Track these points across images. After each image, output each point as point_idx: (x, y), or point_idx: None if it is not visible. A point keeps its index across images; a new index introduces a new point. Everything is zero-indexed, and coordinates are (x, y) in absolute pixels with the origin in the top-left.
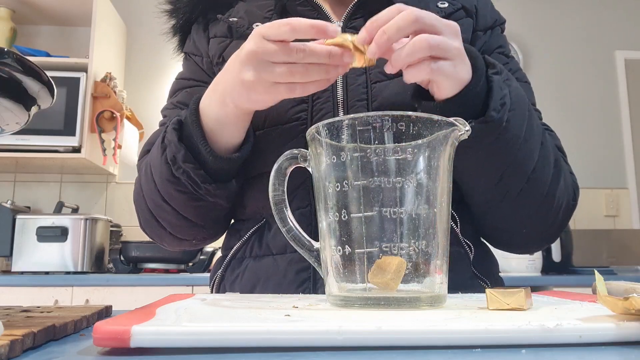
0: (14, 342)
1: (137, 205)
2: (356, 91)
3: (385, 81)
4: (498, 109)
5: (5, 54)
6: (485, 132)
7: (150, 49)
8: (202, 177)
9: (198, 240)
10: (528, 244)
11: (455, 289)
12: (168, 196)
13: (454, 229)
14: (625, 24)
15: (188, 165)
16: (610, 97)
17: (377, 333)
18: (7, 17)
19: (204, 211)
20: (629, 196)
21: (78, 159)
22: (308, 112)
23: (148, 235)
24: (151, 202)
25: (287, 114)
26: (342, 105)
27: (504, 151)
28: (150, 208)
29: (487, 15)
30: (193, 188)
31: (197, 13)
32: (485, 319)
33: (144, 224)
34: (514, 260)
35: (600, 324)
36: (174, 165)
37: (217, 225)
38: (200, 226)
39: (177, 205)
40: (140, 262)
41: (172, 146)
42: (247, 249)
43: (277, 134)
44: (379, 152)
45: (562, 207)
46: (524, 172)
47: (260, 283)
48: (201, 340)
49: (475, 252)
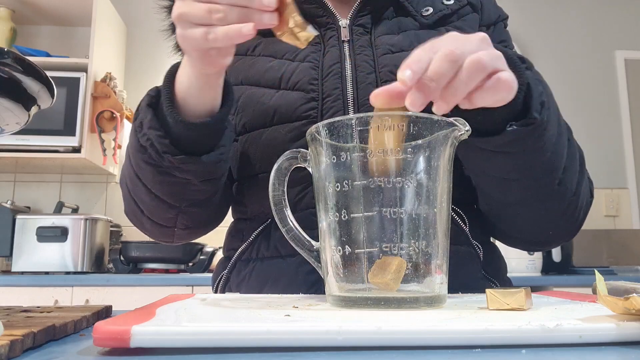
0: (14, 342)
1: (121, 186)
2: (366, 90)
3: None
4: (539, 109)
5: (5, 54)
6: (528, 134)
7: (150, 49)
8: (166, 146)
9: (180, 229)
10: (551, 242)
11: (466, 289)
12: (138, 168)
13: (463, 230)
14: (625, 24)
15: (152, 132)
16: (610, 97)
17: (377, 333)
18: (7, 17)
19: (175, 189)
20: (629, 196)
21: (78, 159)
22: (318, 110)
23: (130, 220)
24: (129, 180)
25: (296, 112)
26: (353, 104)
27: (541, 152)
28: (128, 187)
29: (491, 10)
30: (156, 158)
31: None
32: (485, 319)
33: (126, 206)
34: (514, 261)
35: (600, 324)
36: (140, 132)
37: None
38: (175, 208)
39: (147, 180)
40: (140, 262)
41: (142, 111)
42: (254, 250)
43: (285, 131)
44: (379, 152)
45: (584, 204)
46: (556, 171)
47: (268, 284)
48: (201, 340)
49: (484, 253)
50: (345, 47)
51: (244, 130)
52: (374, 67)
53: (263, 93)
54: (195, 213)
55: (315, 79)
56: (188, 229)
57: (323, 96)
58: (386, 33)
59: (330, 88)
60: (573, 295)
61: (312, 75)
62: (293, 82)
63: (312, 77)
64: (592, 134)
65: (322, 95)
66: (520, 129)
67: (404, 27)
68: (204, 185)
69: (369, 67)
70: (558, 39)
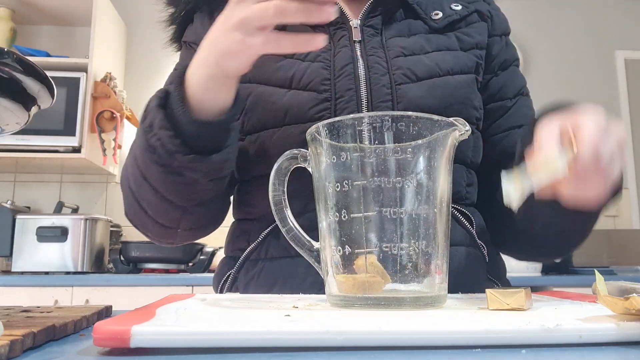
0: (14, 342)
1: (123, 187)
2: (380, 92)
3: (409, 83)
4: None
5: (5, 54)
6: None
7: (150, 49)
8: (177, 145)
9: (183, 229)
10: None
11: (472, 290)
12: (145, 168)
13: (470, 231)
14: (625, 24)
15: (163, 132)
16: (610, 97)
17: (377, 333)
18: (7, 17)
19: (183, 189)
20: (629, 196)
21: (78, 159)
22: (331, 111)
23: (132, 223)
24: (133, 181)
25: (309, 113)
26: (366, 106)
27: None
28: (132, 188)
29: (502, 22)
30: (167, 158)
31: (202, 1)
32: (485, 319)
33: (127, 209)
34: (514, 261)
35: (600, 324)
36: (150, 132)
37: (203, 213)
38: (182, 208)
39: (154, 180)
40: (140, 262)
41: (151, 112)
42: (263, 249)
43: (298, 132)
44: (379, 152)
45: None
46: None
47: (278, 284)
48: (201, 340)
49: (487, 254)
50: (357, 47)
51: (253, 130)
52: (387, 68)
53: (273, 92)
54: (200, 213)
55: (327, 79)
56: (191, 230)
57: (336, 97)
58: (397, 35)
59: (343, 89)
60: (573, 295)
61: (324, 76)
62: (305, 82)
63: (324, 78)
64: None
65: (334, 96)
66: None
67: (414, 30)
68: (211, 184)
69: (382, 68)
70: (558, 39)
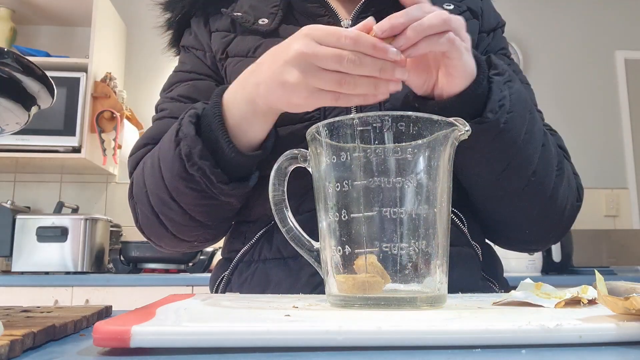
0: (14, 342)
1: (139, 201)
2: None
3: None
4: (495, 110)
5: (5, 54)
6: (482, 132)
7: (150, 49)
8: (219, 175)
9: (199, 242)
10: (531, 243)
11: (467, 289)
12: (176, 193)
13: (462, 231)
14: (625, 24)
15: (204, 163)
16: (610, 97)
17: (377, 333)
18: (7, 17)
19: (213, 210)
20: (629, 196)
21: (78, 159)
22: (321, 112)
23: (145, 235)
24: (156, 199)
25: (299, 114)
26: (356, 106)
27: (501, 152)
28: (153, 205)
29: (491, 17)
30: (207, 186)
31: (197, 6)
32: (485, 319)
33: (143, 222)
34: (514, 261)
35: (600, 324)
36: (189, 161)
37: (222, 226)
38: (207, 226)
39: (186, 203)
40: (140, 262)
41: (188, 140)
42: (256, 251)
43: (287, 133)
44: (379, 152)
45: (566, 208)
46: (523, 173)
47: (271, 286)
48: (201, 340)
49: (482, 254)
50: None
51: None
52: None
53: None
54: (221, 227)
55: None
56: (206, 241)
57: None
58: None
59: None
60: None
61: None
62: None
63: None
64: (592, 134)
65: None
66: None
67: None
68: (240, 204)
69: None
70: (558, 39)
